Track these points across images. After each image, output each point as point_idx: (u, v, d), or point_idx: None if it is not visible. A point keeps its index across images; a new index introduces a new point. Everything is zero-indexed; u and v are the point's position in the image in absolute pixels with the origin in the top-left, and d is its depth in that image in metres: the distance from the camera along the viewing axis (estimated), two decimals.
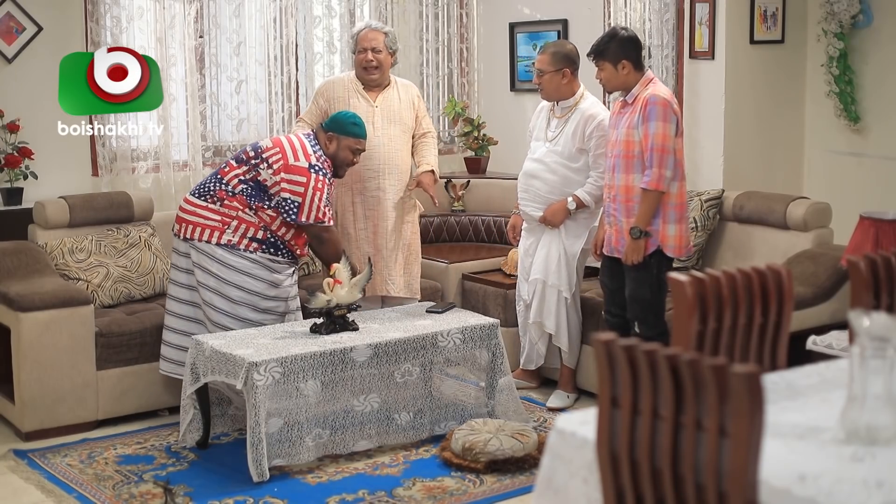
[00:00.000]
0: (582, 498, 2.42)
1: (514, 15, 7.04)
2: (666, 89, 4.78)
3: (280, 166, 4.77)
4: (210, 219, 4.80)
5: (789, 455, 2.19)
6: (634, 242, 4.67)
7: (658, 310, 4.77)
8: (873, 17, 5.85)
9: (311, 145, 4.86)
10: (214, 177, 4.89)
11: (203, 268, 4.77)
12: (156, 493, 4.14)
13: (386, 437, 4.64)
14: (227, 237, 4.78)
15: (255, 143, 4.96)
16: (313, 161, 4.80)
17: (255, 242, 4.80)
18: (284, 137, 4.93)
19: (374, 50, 5.36)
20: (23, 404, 4.80)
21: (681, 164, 4.72)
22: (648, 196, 4.63)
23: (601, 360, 2.22)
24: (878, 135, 5.93)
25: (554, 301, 5.20)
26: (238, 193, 4.81)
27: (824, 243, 5.23)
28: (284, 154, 4.78)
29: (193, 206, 4.84)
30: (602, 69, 4.77)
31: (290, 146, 4.82)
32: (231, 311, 4.76)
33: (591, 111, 5.13)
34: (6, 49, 5.71)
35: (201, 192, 4.87)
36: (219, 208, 4.80)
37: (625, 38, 4.76)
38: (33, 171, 5.66)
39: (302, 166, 4.77)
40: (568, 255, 5.19)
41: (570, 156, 5.15)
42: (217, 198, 4.81)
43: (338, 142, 4.91)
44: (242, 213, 4.80)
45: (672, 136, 4.63)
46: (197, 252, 4.79)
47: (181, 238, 4.84)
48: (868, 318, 2.23)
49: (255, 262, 4.79)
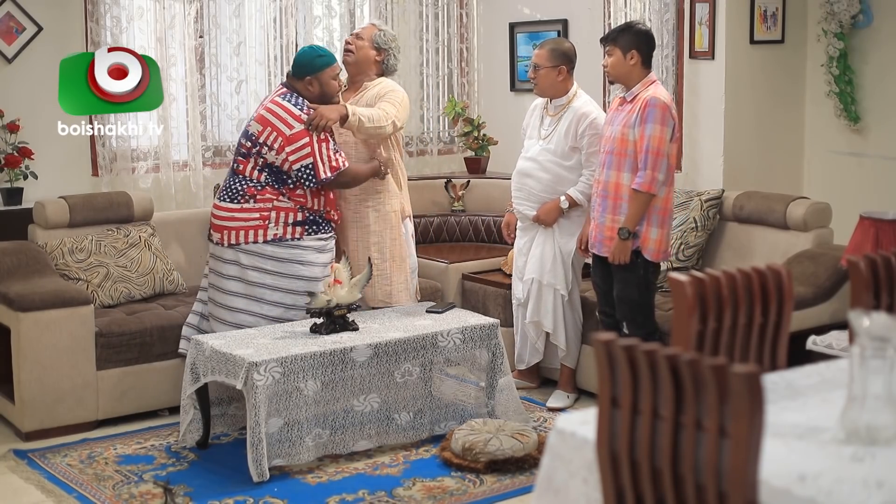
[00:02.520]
0: (582, 498, 2.42)
1: (514, 15, 7.04)
2: (667, 93, 4.78)
3: (280, 143, 4.75)
4: (250, 219, 4.79)
5: (789, 455, 2.19)
6: (622, 243, 4.68)
7: (646, 310, 4.79)
8: (873, 17, 5.85)
9: (294, 104, 4.81)
10: (235, 177, 4.86)
11: (258, 268, 4.77)
12: (156, 493, 4.14)
13: (386, 437, 4.64)
14: (273, 231, 4.79)
15: (245, 132, 4.90)
16: (306, 119, 4.78)
17: (299, 226, 4.82)
18: (265, 111, 4.83)
19: (357, 36, 5.20)
20: (23, 404, 4.80)
21: (672, 169, 4.73)
22: (639, 197, 4.64)
23: (601, 360, 2.22)
24: (878, 135, 5.93)
25: (550, 300, 5.20)
26: (265, 185, 4.80)
27: (824, 243, 5.23)
28: (277, 129, 4.76)
29: (229, 210, 4.82)
30: (611, 55, 4.77)
31: (277, 118, 4.78)
32: (293, 302, 4.80)
33: (584, 109, 5.13)
34: (6, 49, 5.71)
35: (230, 195, 4.84)
36: (254, 206, 4.79)
37: (640, 31, 4.79)
38: (33, 171, 5.67)
39: (299, 131, 4.75)
40: (563, 254, 5.19)
41: (562, 154, 5.16)
42: (248, 196, 4.80)
43: (318, 81, 4.87)
44: (278, 202, 4.80)
45: (668, 140, 4.64)
46: (248, 255, 4.78)
47: (225, 245, 4.82)
48: (868, 318, 2.23)
49: (305, 248, 4.81)
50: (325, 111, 4.82)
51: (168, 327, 5.06)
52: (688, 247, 5.42)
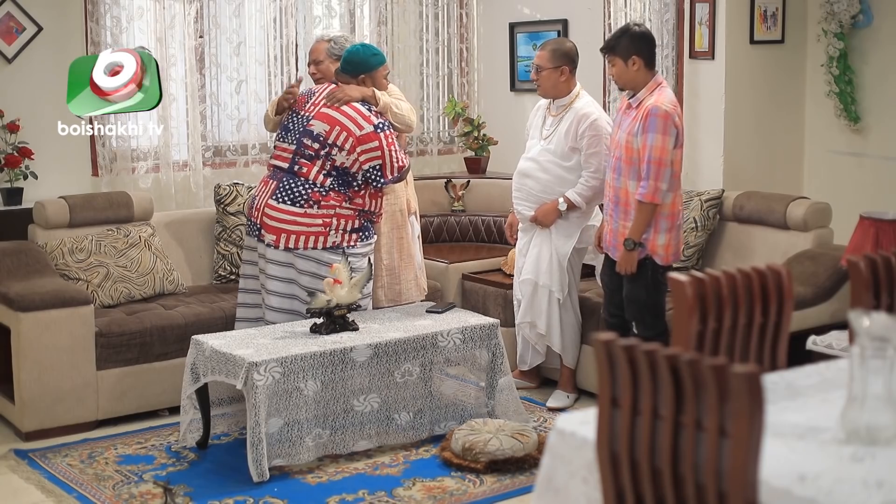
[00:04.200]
0: (582, 498, 2.42)
1: (514, 15, 7.04)
2: (671, 98, 4.70)
3: (352, 144, 4.76)
4: (312, 225, 4.79)
5: (789, 455, 2.19)
6: (628, 254, 4.67)
7: (656, 311, 4.77)
8: (873, 17, 5.85)
9: (361, 104, 4.84)
10: (296, 179, 4.82)
11: (313, 274, 4.77)
12: (156, 493, 4.14)
13: (386, 437, 4.64)
14: (332, 239, 4.80)
15: (309, 132, 4.84)
16: (375, 121, 4.80)
17: (355, 234, 4.85)
18: (334, 111, 4.81)
19: (315, 62, 5.27)
20: (23, 404, 4.80)
21: (677, 175, 4.70)
22: (643, 208, 4.62)
23: (601, 360, 2.22)
24: (878, 135, 5.92)
25: (545, 301, 5.20)
26: (330, 190, 4.79)
27: (824, 243, 5.23)
28: (348, 130, 4.76)
29: (290, 214, 4.80)
30: (613, 64, 4.76)
31: (348, 118, 4.78)
32: None
33: (586, 110, 5.12)
34: (6, 49, 5.71)
35: (292, 198, 4.81)
36: (317, 212, 4.79)
37: (637, 34, 4.74)
38: (33, 171, 5.66)
39: (369, 132, 4.77)
40: (559, 256, 5.18)
41: (562, 154, 5.15)
42: (312, 201, 4.79)
43: (370, 79, 4.91)
44: (340, 210, 4.81)
45: (670, 148, 4.61)
46: (304, 260, 4.77)
47: (281, 248, 4.80)
48: (868, 318, 2.23)
49: (356, 255, 4.84)
50: (348, 89, 4.88)
51: (168, 327, 5.06)
52: (688, 247, 5.42)
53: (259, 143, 6.47)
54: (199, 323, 5.09)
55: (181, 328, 5.05)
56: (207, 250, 5.81)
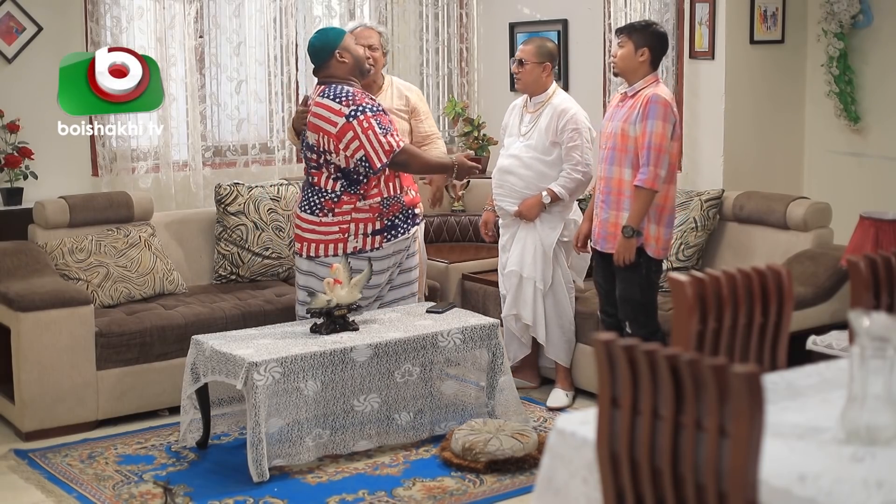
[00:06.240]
0: (582, 498, 2.42)
1: (514, 15, 7.04)
2: (669, 92, 4.79)
3: (334, 144, 4.72)
4: (330, 233, 4.80)
5: (789, 455, 2.19)
6: (626, 241, 4.67)
7: (649, 310, 4.78)
8: (873, 17, 5.85)
9: (333, 98, 4.75)
10: (312, 189, 4.83)
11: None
12: (156, 493, 4.14)
13: (386, 437, 4.64)
14: (353, 244, 4.80)
15: (307, 143, 4.83)
16: (346, 111, 4.71)
17: (378, 235, 4.84)
18: (313, 117, 4.77)
19: (371, 48, 5.22)
20: (23, 404, 4.80)
21: (673, 166, 4.72)
22: (642, 194, 4.63)
23: (601, 360, 2.22)
24: (878, 135, 5.92)
25: (530, 293, 5.22)
26: (341, 194, 4.78)
27: (824, 243, 5.23)
28: (327, 132, 4.72)
29: (310, 223, 4.82)
30: (622, 46, 4.76)
31: (322, 119, 4.74)
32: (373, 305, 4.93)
33: (564, 105, 5.20)
34: (6, 49, 5.71)
35: (310, 207, 4.83)
36: (332, 219, 4.79)
37: (658, 32, 4.80)
38: (33, 171, 5.67)
39: (342, 125, 4.70)
40: (544, 246, 5.21)
41: (543, 149, 5.20)
42: (327, 209, 4.79)
43: (345, 51, 4.83)
44: (356, 213, 4.80)
45: (669, 137, 4.64)
46: (326, 268, 4.72)
47: (304, 256, 4.84)
48: (868, 318, 2.23)
49: (387, 256, 4.86)
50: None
51: (168, 327, 5.06)
52: (688, 247, 5.42)
53: (259, 143, 6.47)
54: (199, 323, 5.09)
55: (181, 328, 5.05)
56: (207, 250, 5.81)
